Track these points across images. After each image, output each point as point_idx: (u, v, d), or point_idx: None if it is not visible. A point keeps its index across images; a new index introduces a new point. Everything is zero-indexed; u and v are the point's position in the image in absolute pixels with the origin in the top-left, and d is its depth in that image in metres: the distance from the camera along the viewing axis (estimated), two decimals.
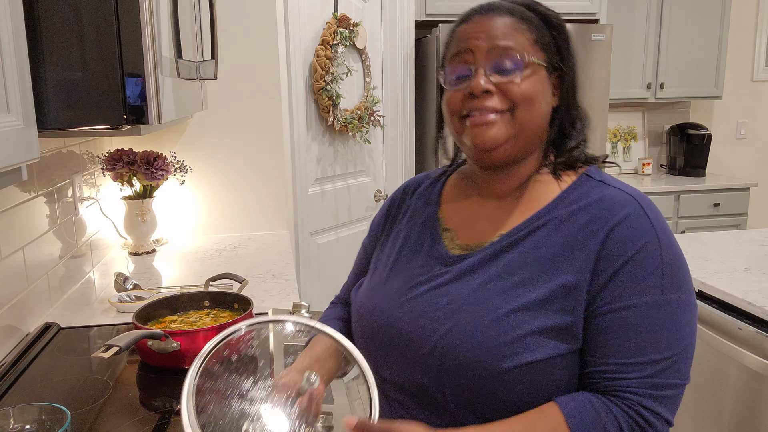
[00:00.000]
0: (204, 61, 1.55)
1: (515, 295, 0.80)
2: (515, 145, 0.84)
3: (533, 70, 0.83)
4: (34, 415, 0.92)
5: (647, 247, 0.78)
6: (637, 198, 0.81)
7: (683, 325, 0.78)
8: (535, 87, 0.83)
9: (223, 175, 2.38)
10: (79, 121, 1.08)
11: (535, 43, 0.84)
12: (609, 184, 0.84)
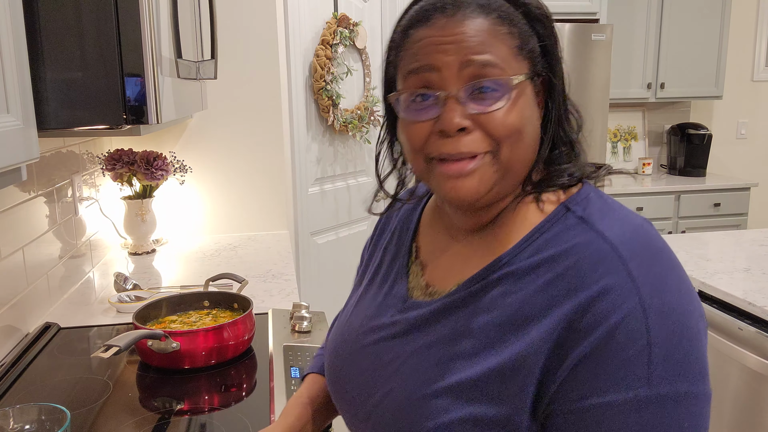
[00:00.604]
0: (204, 61, 1.55)
1: (453, 369, 0.63)
2: (500, 189, 0.65)
3: (520, 90, 0.63)
4: (34, 415, 0.92)
5: (627, 322, 0.55)
6: (623, 249, 0.59)
7: (685, 429, 0.56)
8: (522, 114, 0.63)
9: (223, 175, 2.38)
10: (78, 121, 1.08)
11: (519, 51, 0.63)
12: (590, 223, 0.62)
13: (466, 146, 0.62)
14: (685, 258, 2.02)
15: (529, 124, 0.64)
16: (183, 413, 1.10)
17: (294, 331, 1.40)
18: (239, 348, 1.30)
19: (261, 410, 1.10)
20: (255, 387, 1.20)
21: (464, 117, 0.62)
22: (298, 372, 1.22)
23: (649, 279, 0.57)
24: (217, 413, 1.10)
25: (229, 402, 1.14)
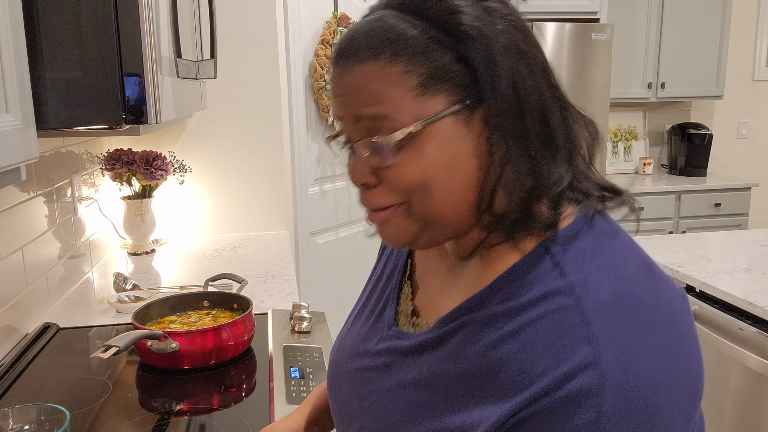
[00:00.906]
0: (203, 61, 1.55)
1: (418, 419, 0.58)
2: (436, 234, 0.58)
3: (427, 135, 0.54)
4: (33, 415, 0.92)
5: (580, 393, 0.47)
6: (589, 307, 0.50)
7: None
8: (430, 163, 0.54)
9: (223, 175, 2.37)
10: (78, 121, 1.08)
11: (423, 89, 0.53)
12: (564, 271, 0.53)
13: (372, 201, 0.58)
14: (686, 258, 2.02)
15: (445, 170, 0.55)
16: (182, 414, 1.10)
17: (294, 332, 1.40)
18: (239, 348, 1.30)
19: (260, 411, 1.09)
20: (255, 387, 1.19)
21: (366, 171, 0.57)
22: (297, 372, 1.21)
23: (613, 347, 0.48)
24: (216, 414, 1.09)
25: (229, 402, 1.13)
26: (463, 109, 0.54)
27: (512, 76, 0.54)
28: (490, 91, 0.54)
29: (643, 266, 0.55)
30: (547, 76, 0.57)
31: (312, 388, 1.17)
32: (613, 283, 0.52)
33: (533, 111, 0.55)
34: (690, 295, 1.89)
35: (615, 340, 0.48)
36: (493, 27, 0.54)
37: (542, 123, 0.55)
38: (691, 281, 1.86)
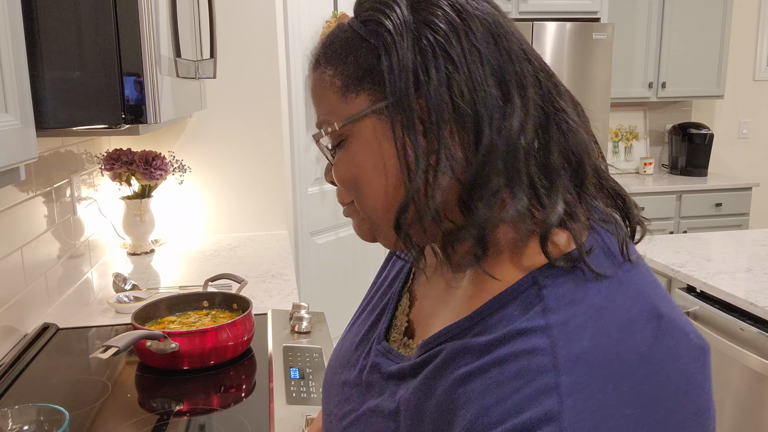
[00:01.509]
0: (203, 60, 1.55)
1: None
2: (389, 235, 0.56)
3: (350, 136, 0.55)
4: (32, 416, 0.92)
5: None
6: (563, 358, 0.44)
7: None
8: (354, 161, 0.55)
9: (223, 175, 2.37)
10: (77, 121, 1.08)
11: (346, 91, 0.54)
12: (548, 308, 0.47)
13: (338, 197, 0.60)
14: (687, 258, 2.01)
15: (371, 169, 0.54)
16: (182, 414, 1.09)
17: (293, 332, 1.40)
18: (238, 349, 1.29)
19: (260, 411, 1.09)
20: (254, 388, 1.19)
21: (328, 171, 0.60)
22: (297, 372, 1.21)
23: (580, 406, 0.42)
24: (216, 414, 1.09)
25: (229, 403, 1.13)
26: (385, 109, 0.52)
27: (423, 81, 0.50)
28: (401, 95, 0.51)
29: (648, 314, 0.47)
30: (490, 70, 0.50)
31: (312, 388, 1.16)
32: (600, 330, 0.45)
33: (456, 112, 0.50)
34: (691, 295, 1.88)
35: (584, 400, 0.42)
36: (415, 27, 0.51)
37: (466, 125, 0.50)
38: (692, 281, 1.85)
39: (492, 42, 0.51)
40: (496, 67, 0.50)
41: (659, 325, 0.47)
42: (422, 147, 0.50)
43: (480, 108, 0.49)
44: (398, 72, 0.50)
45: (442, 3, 0.52)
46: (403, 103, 0.51)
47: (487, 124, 0.49)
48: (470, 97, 0.49)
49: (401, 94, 0.50)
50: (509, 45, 0.52)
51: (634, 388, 0.43)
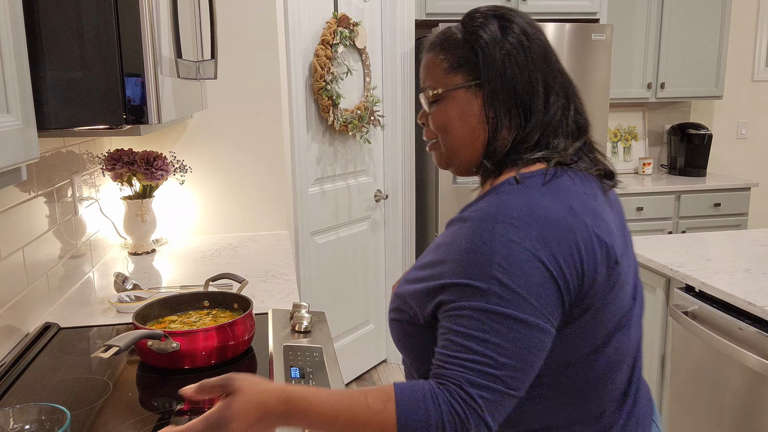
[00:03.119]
0: (204, 61, 1.55)
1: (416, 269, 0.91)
2: (459, 167, 0.94)
3: (443, 98, 0.90)
4: (34, 415, 0.92)
5: (477, 260, 0.79)
6: (487, 212, 0.81)
7: (507, 336, 0.77)
8: (446, 115, 0.90)
9: (223, 175, 2.38)
10: (78, 121, 1.08)
11: (450, 68, 0.90)
12: (497, 193, 0.85)
13: (425, 135, 0.98)
14: (686, 258, 2.02)
15: (458, 121, 0.90)
16: (183, 413, 1.10)
17: (294, 332, 1.40)
18: (239, 348, 1.30)
19: None
20: None
21: (423, 117, 0.97)
22: (298, 372, 1.22)
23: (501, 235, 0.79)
24: None
25: None
26: (472, 86, 0.89)
27: (503, 73, 0.87)
28: (487, 80, 0.88)
29: (562, 205, 0.82)
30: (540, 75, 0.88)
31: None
32: (494, 212, 0.82)
33: (516, 96, 0.87)
34: (689, 294, 1.89)
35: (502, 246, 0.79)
36: (500, 40, 0.87)
37: (522, 105, 0.87)
38: (690, 281, 1.86)
39: (542, 58, 0.89)
40: (542, 74, 0.88)
41: (569, 213, 0.81)
42: (501, 113, 0.88)
43: (533, 96, 0.87)
44: (487, 67, 0.87)
45: (516, 28, 0.88)
46: (491, 86, 0.87)
47: (533, 110, 0.87)
48: (528, 88, 0.87)
49: (489, 80, 0.87)
50: (552, 61, 0.89)
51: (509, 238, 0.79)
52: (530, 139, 0.87)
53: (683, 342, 1.93)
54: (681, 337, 1.94)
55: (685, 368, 1.92)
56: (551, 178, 0.85)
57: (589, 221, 0.82)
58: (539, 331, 0.78)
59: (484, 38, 0.87)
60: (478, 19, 0.89)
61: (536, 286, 0.78)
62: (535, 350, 0.78)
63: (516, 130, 0.87)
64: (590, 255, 0.80)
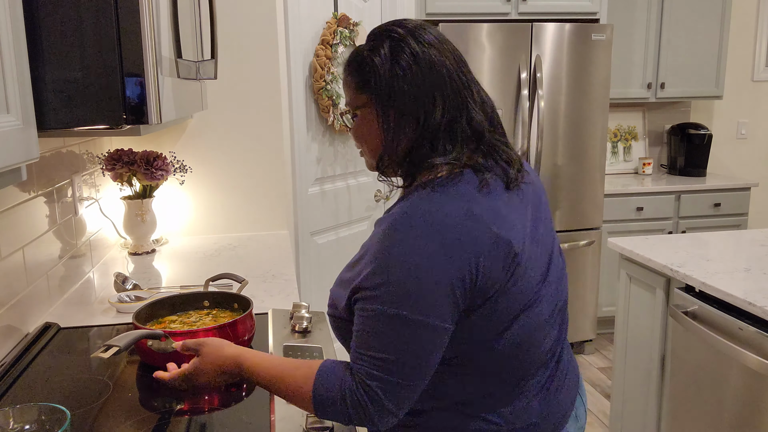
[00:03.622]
0: (204, 61, 1.55)
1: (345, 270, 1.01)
2: (383, 170, 1.03)
3: (360, 114, 1.01)
4: (34, 415, 0.92)
5: (379, 265, 0.89)
6: (393, 218, 0.91)
7: (401, 335, 0.88)
8: (359, 130, 1.02)
9: (223, 175, 2.38)
10: (78, 121, 1.08)
11: (357, 90, 0.99)
12: (407, 199, 0.94)
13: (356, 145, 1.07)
14: (686, 258, 2.02)
15: (368, 134, 1.00)
16: (183, 413, 1.10)
17: (294, 331, 1.40)
18: None
19: (261, 410, 1.10)
20: (255, 387, 1.20)
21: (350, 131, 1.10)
22: None
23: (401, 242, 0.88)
24: (217, 413, 1.10)
25: (229, 402, 1.14)
26: (373, 105, 0.98)
27: (391, 92, 0.95)
28: (378, 98, 0.97)
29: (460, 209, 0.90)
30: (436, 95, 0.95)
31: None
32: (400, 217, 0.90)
33: (405, 110, 0.95)
34: (689, 294, 1.89)
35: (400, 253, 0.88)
36: (389, 62, 0.96)
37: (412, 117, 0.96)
38: (690, 281, 1.86)
39: (429, 72, 0.95)
40: (429, 87, 0.95)
41: (466, 215, 0.89)
42: (392, 125, 0.97)
43: (419, 109, 0.95)
44: (380, 87, 0.96)
45: (406, 50, 0.96)
46: (383, 103, 0.97)
47: (422, 120, 0.95)
48: (413, 103, 0.95)
49: (382, 98, 0.97)
50: (439, 73, 0.96)
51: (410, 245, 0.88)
52: (422, 146, 0.95)
53: (683, 342, 1.93)
54: (681, 337, 1.94)
55: (685, 368, 1.92)
56: (451, 183, 0.93)
57: (488, 220, 0.90)
58: (431, 330, 0.88)
59: (375, 62, 0.96)
60: (372, 42, 0.99)
61: (430, 289, 0.87)
62: (429, 346, 0.89)
63: (408, 141, 0.96)
64: (489, 255, 0.88)
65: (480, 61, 3.12)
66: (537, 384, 1.00)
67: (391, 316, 0.88)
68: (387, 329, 0.88)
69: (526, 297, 0.93)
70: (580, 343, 3.57)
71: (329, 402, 0.91)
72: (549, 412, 1.02)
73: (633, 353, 2.26)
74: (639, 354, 2.22)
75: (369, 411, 0.89)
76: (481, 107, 0.99)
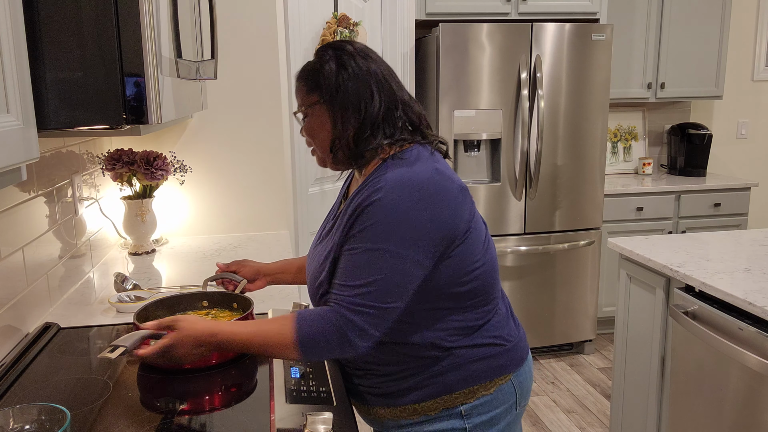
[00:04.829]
0: (204, 61, 1.55)
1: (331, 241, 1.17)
2: (333, 164, 1.20)
3: (310, 113, 1.18)
4: (34, 415, 0.92)
5: (369, 209, 1.06)
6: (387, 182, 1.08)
7: (383, 266, 1.05)
8: (311, 126, 1.18)
9: (223, 175, 2.38)
10: (78, 121, 1.08)
11: (308, 92, 1.17)
12: (387, 170, 1.11)
13: (307, 144, 1.23)
14: (686, 258, 2.02)
15: (320, 128, 1.18)
16: (183, 413, 1.10)
17: None
18: None
19: (261, 410, 1.10)
20: (255, 387, 1.20)
21: (301, 131, 1.23)
22: (298, 372, 1.22)
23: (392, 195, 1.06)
24: (217, 413, 1.10)
25: (230, 402, 1.14)
26: (323, 102, 1.16)
27: (337, 92, 1.15)
28: (328, 97, 1.16)
29: (429, 168, 1.11)
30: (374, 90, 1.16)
31: (312, 387, 1.17)
32: (400, 176, 1.08)
33: (349, 105, 1.15)
34: (689, 294, 1.89)
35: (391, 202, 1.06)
36: (335, 71, 1.15)
37: (354, 111, 1.15)
38: (690, 281, 1.86)
39: (367, 74, 1.16)
40: (367, 84, 1.15)
41: (435, 171, 1.10)
42: (339, 116, 1.15)
43: (361, 102, 1.15)
44: (329, 86, 1.15)
45: (350, 63, 1.16)
46: (332, 101, 1.15)
47: (363, 110, 1.15)
48: (356, 97, 1.15)
49: (331, 97, 1.16)
50: (375, 75, 1.16)
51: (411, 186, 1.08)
52: (363, 133, 1.15)
53: (683, 342, 1.93)
54: (681, 337, 1.94)
55: (685, 368, 1.92)
56: (409, 153, 1.15)
57: (450, 175, 1.13)
58: (411, 262, 1.06)
59: (326, 70, 1.16)
60: (322, 56, 1.18)
61: (414, 229, 1.06)
62: (408, 277, 1.07)
63: (354, 129, 1.15)
64: (457, 201, 1.10)
65: (480, 61, 3.12)
66: (505, 311, 1.25)
67: (377, 250, 1.05)
68: (372, 260, 1.05)
69: (483, 234, 1.18)
70: (580, 343, 3.57)
71: (313, 339, 1.05)
72: (521, 336, 1.26)
73: (633, 353, 2.26)
74: (639, 354, 2.22)
75: (350, 338, 1.05)
76: (412, 104, 1.21)
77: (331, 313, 1.06)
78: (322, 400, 1.12)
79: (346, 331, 1.05)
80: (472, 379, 1.17)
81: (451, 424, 1.18)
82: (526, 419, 2.86)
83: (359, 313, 1.05)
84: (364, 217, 1.07)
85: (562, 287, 3.41)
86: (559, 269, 3.39)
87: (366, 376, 1.22)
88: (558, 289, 3.41)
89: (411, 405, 1.18)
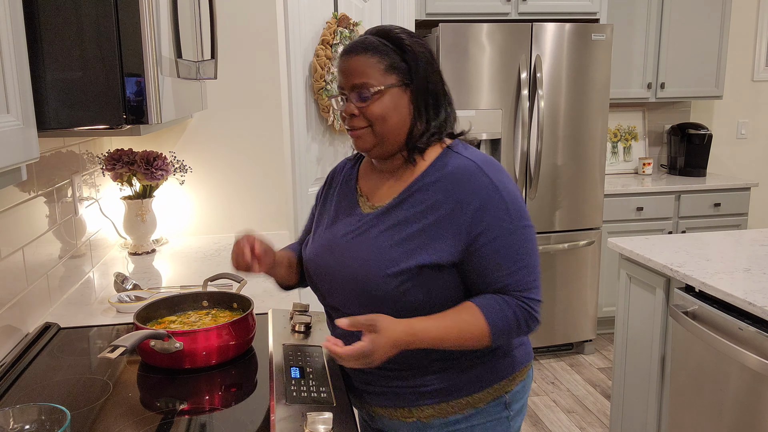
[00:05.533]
0: (204, 61, 1.55)
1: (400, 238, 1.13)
2: (383, 148, 1.15)
3: (383, 93, 1.11)
4: (34, 415, 0.92)
5: (491, 195, 1.09)
6: (477, 162, 1.12)
7: (530, 241, 1.12)
8: (384, 107, 1.12)
9: (223, 175, 2.38)
10: (78, 121, 1.08)
11: (386, 70, 1.11)
12: (461, 153, 1.15)
13: (354, 124, 1.15)
14: (686, 258, 2.02)
15: (393, 111, 1.12)
16: (183, 413, 1.10)
17: (294, 331, 1.40)
18: (240, 348, 1.30)
19: (261, 410, 1.10)
20: (255, 387, 1.20)
21: (353, 109, 1.13)
22: (298, 372, 1.22)
23: (493, 174, 1.12)
24: (217, 413, 1.10)
25: (230, 402, 1.14)
26: (403, 85, 1.13)
27: (425, 74, 1.14)
28: (414, 80, 1.14)
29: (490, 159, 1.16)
30: (441, 78, 1.18)
31: (312, 387, 1.17)
32: (482, 157, 1.15)
33: (432, 93, 1.16)
34: (689, 294, 1.89)
35: (499, 180, 1.12)
36: (417, 48, 1.14)
37: (435, 99, 1.16)
38: (690, 281, 1.86)
39: (437, 70, 1.17)
40: (442, 84, 1.19)
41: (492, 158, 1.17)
42: (419, 107, 1.15)
43: (439, 99, 1.17)
44: (416, 73, 1.14)
45: (426, 47, 1.16)
46: (417, 87, 1.14)
47: (442, 106, 1.18)
48: (438, 95, 1.17)
49: (417, 83, 1.14)
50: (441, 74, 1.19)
51: (500, 168, 1.15)
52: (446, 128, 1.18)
53: (683, 342, 1.93)
54: (681, 337, 1.94)
55: (685, 368, 1.92)
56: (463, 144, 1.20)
57: None
58: (534, 232, 1.15)
59: (413, 50, 1.13)
60: (399, 35, 1.14)
61: (522, 202, 1.14)
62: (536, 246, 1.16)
63: (428, 120, 1.16)
64: None
65: (480, 61, 3.12)
66: None
67: (523, 227, 1.11)
68: (522, 240, 1.11)
69: None
70: (580, 343, 3.57)
71: (506, 327, 1.10)
72: None
73: (633, 353, 2.26)
74: (639, 354, 2.22)
75: (534, 315, 1.12)
76: None
77: (512, 300, 1.11)
78: (322, 400, 1.12)
79: (530, 311, 1.11)
80: (514, 366, 1.22)
81: (497, 414, 1.20)
82: (526, 419, 2.86)
83: (533, 290, 1.12)
84: (488, 200, 1.09)
85: (562, 287, 3.41)
86: (559, 269, 3.39)
87: (415, 376, 1.18)
88: (558, 289, 3.41)
89: (464, 398, 1.18)
